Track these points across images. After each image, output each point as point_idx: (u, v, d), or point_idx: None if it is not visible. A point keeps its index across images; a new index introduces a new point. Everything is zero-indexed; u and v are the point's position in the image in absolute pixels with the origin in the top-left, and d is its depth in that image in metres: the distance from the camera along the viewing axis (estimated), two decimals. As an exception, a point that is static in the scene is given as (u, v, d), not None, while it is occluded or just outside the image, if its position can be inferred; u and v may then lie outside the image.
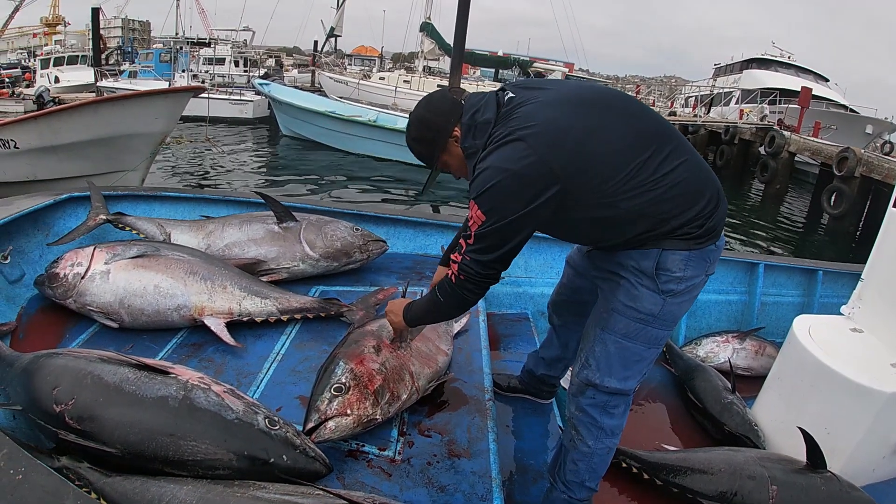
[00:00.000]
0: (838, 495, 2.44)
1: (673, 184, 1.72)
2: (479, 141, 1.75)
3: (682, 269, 1.78)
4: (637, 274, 1.82)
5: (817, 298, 4.28)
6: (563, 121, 1.67)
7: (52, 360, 2.09)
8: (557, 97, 1.75)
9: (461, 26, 18.47)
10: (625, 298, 1.84)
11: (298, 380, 2.44)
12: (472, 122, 1.79)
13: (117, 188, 4.01)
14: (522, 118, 1.68)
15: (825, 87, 28.13)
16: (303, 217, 3.46)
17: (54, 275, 2.86)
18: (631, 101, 1.88)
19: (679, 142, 1.80)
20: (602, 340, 1.90)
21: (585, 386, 1.95)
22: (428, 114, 1.90)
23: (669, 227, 1.75)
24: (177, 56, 24.33)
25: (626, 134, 1.72)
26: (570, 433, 2.04)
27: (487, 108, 1.77)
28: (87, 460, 1.80)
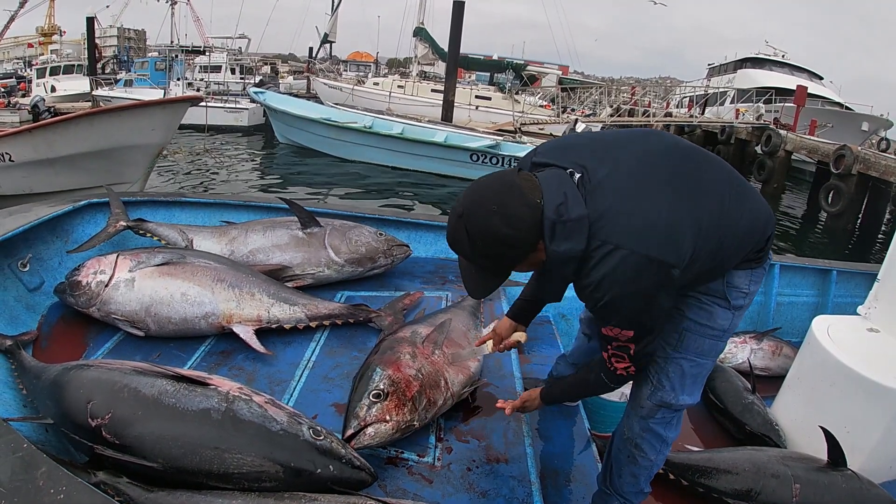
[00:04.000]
0: (859, 493, 2.49)
1: (735, 232, 1.68)
2: (577, 245, 1.51)
3: (748, 284, 1.80)
4: (707, 293, 1.80)
5: (831, 298, 4.31)
6: (653, 213, 1.52)
7: (84, 372, 2.07)
8: (629, 175, 1.57)
9: (456, 31, 18.58)
10: (697, 317, 1.81)
11: (332, 387, 2.45)
12: (558, 220, 1.49)
13: (136, 194, 4.01)
14: (626, 223, 1.50)
15: (820, 85, 28.25)
16: (326, 222, 3.47)
17: (76, 283, 2.83)
18: (695, 159, 1.71)
19: (741, 188, 1.72)
20: (675, 361, 1.85)
21: (658, 407, 1.91)
22: (509, 231, 1.49)
23: (734, 262, 1.75)
24: (172, 64, 24.24)
25: (706, 204, 1.61)
26: (630, 450, 2.00)
27: (575, 203, 1.50)
28: (125, 475, 1.77)
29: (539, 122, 19.79)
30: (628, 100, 24.09)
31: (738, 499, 2.50)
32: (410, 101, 22.74)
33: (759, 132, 19.37)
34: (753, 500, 2.49)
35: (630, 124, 23.53)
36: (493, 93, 24.16)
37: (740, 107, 23.70)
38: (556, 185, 1.53)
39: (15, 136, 6.90)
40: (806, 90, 22.22)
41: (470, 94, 23.17)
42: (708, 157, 1.76)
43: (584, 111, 22.70)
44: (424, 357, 2.28)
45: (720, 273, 1.76)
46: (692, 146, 1.78)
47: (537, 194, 1.51)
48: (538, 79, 26.73)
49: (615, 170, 1.57)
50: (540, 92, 25.11)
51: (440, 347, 2.36)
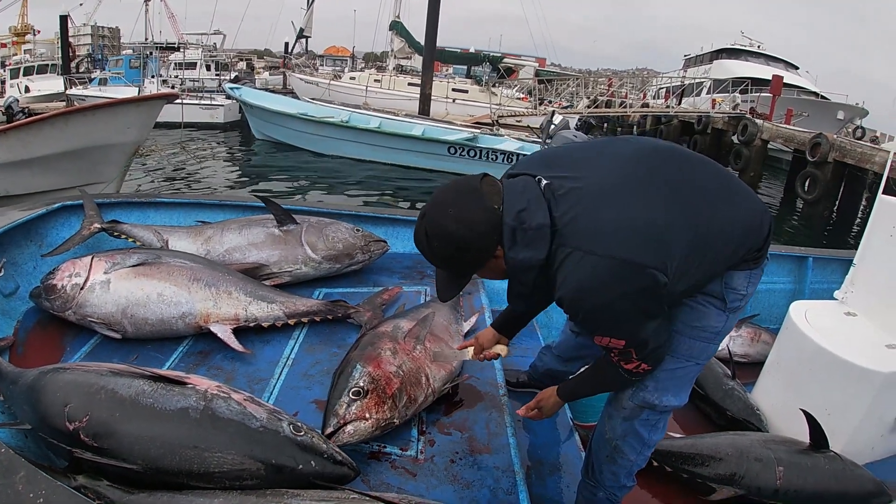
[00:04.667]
0: (842, 473, 2.56)
1: (728, 234, 1.63)
2: (537, 253, 1.50)
3: (746, 286, 1.74)
4: (703, 295, 1.73)
5: (808, 284, 4.37)
6: (625, 217, 1.48)
7: (61, 375, 2.03)
8: (604, 181, 1.54)
9: (432, 24, 18.54)
10: (690, 320, 1.74)
11: (312, 384, 2.43)
12: (519, 227, 1.48)
13: (110, 195, 3.96)
14: (593, 226, 1.47)
15: (796, 74, 28.58)
16: (303, 219, 3.44)
17: (51, 286, 2.79)
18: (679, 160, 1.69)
19: (733, 187, 1.70)
20: (662, 363, 1.76)
21: (641, 408, 1.84)
22: (464, 231, 1.49)
23: (730, 264, 1.69)
24: (147, 62, 23.99)
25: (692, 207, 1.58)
26: (609, 451, 1.96)
27: (537, 210, 1.49)
28: (105, 478, 1.75)
29: (516, 114, 19.84)
30: (605, 91, 24.20)
31: (723, 483, 2.54)
32: (387, 95, 22.66)
33: (735, 122, 19.57)
34: (738, 483, 2.52)
35: (607, 115, 23.67)
36: (470, 86, 24.23)
37: (716, 97, 23.94)
38: (518, 191, 1.52)
39: None
40: (782, 80, 22.50)
41: (447, 87, 23.22)
42: (693, 158, 1.73)
43: (562, 103, 22.78)
44: (406, 353, 2.27)
45: (718, 275, 1.70)
46: (675, 149, 1.75)
47: (497, 200, 1.50)
48: (515, 71, 26.79)
49: (587, 176, 1.55)
50: (517, 84, 25.17)
51: (422, 342, 2.35)
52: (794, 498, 2.49)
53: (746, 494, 2.51)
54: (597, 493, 2.05)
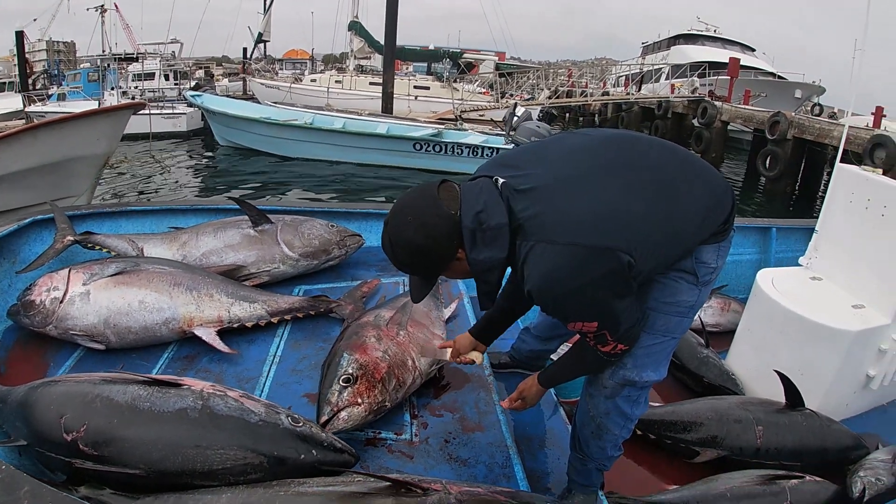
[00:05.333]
0: (819, 429, 2.68)
1: (691, 212, 1.66)
2: (497, 253, 1.54)
3: (716, 259, 1.77)
4: (675, 271, 1.75)
5: (773, 254, 4.51)
6: (583, 204, 1.52)
7: (52, 388, 2.01)
8: (560, 174, 1.58)
9: (391, 23, 18.52)
10: (662, 296, 1.77)
11: (301, 378, 2.47)
12: (478, 228, 1.53)
13: (81, 207, 3.93)
14: (552, 218, 1.51)
15: (752, 56, 29.09)
16: (277, 219, 3.46)
17: (29, 302, 2.75)
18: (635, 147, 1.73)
19: (691, 167, 1.73)
20: (639, 340, 1.78)
21: (622, 385, 1.85)
22: (420, 238, 1.55)
23: (698, 241, 1.72)
24: (105, 74, 23.58)
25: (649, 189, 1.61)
26: (594, 428, 1.97)
27: (494, 210, 1.52)
28: (108, 486, 1.75)
29: (479, 108, 19.94)
30: (566, 82, 24.40)
31: (705, 446, 2.63)
32: (349, 96, 22.63)
33: (694, 105, 19.90)
34: (719, 445, 2.62)
35: (569, 105, 23.87)
36: (432, 82, 24.29)
37: (675, 82, 24.26)
38: (475, 193, 1.56)
39: None
40: (738, 62, 22.93)
41: (408, 84, 23.21)
42: (649, 143, 1.77)
43: (523, 95, 22.91)
44: (390, 338, 2.32)
45: (689, 252, 1.73)
46: (630, 136, 1.80)
47: (454, 204, 1.55)
48: (475, 66, 26.88)
49: (544, 171, 1.59)
50: (478, 79, 25.24)
51: (404, 328, 2.40)
52: (775, 455, 2.59)
53: (729, 455, 2.60)
54: (587, 465, 2.09)
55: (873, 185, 3.18)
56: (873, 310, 2.97)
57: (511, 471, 1.96)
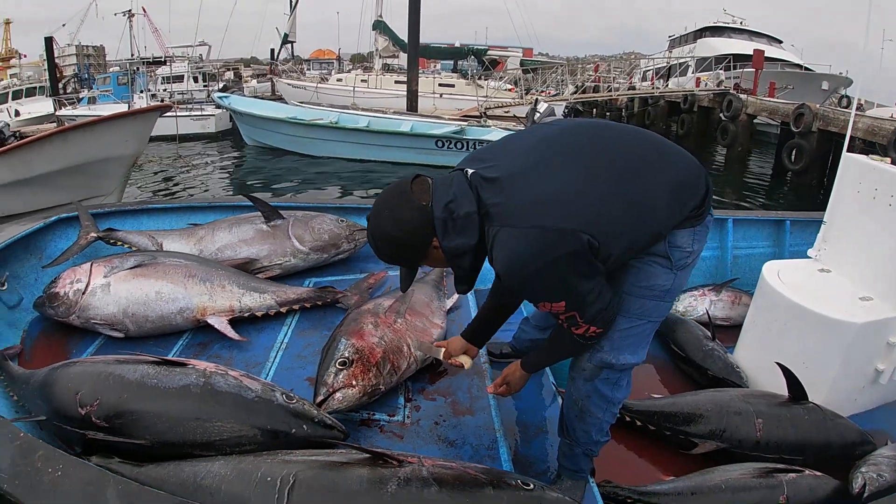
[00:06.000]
0: (822, 423, 2.60)
1: (660, 197, 1.72)
2: (468, 240, 1.64)
3: (691, 243, 1.81)
4: (648, 255, 1.80)
5: (787, 247, 4.46)
6: (543, 189, 1.60)
7: (70, 368, 2.18)
8: (523, 162, 1.67)
9: (414, 21, 18.59)
10: (636, 280, 1.82)
11: (305, 364, 2.58)
12: (449, 217, 1.63)
13: (104, 205, 4.08)
14: (515, 203, 1.59)
15: (779, 48, 28.57)
16: (289, 214, 3.59)
17: (54, 294, 2.92)
18: (602, 134, 1.80)
19: (657, 151, 1.78)
20: (616, 323, 1.83)
21: (600, 368, 1.91)
22: (394, 231, 1.67)
23: (671, 225, 1.77)
24: (134, 77, 23.99)
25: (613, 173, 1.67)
26: (577, 412, 2.03)
27: (463, 199, 1.63)
28: (117, 455, 1.89)
29: (503, 105, 19.89)
30: (592, 77, 24.27)
31: (705, 437, 2.61)
32: (375, 95, 22.67)
33: (720, 98, 19.56)
34: (719, 437, 2.60)
35: (595, 101, 23.74)
36: (457, 80, 24.20)
37: (701, 75, 23.98)
38: (446, 185, 1.66)
39: None
40: (763, 54, 22.52)
41: (433, 82, 23.19)
42: (616, 129, 1.85)
43: (550, 91, 22.83)
44: (387, 326, 2.42)
45: (662, 236, 1.77)
46: (597, 124, 1.87)
47: (426, 197, 1.66)
48: (501, 63, 26.80)
49: (510, 162, 1.68)
50: (503, 76, 25.19)
51: (402, 316, 2.50)
52: (775, 448, 2.54)
53: (728, 447, 2.58)
54: (574, 450, 2.15)
55: (880, 175, 3.11)
56: (881, 302, 2.89)
57: (496, 453, 2.03)
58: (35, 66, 41.02)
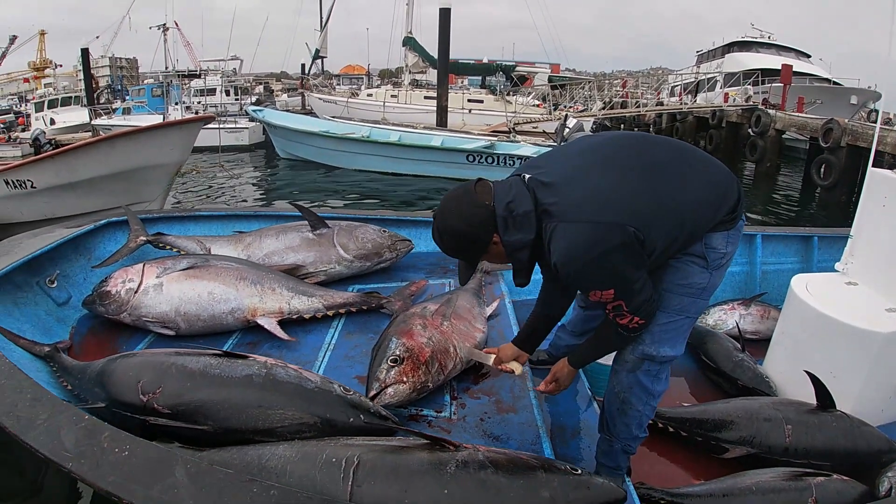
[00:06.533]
0: (849, 431, 2.66)
1: (695, 201, 1.89)
2: (526, 235, 1.82)
3: (725, 245, 1.98)
4: (686, 255, 1.97)
5: (815, 263, 4.50)
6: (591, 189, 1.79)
7: (130, 359, 2.32)
8: (572, 168, 1.88)
9: (444, 37, 18.80)
10: (675, 278, 1.99)
11: (353, 363, 2.71)
12: (509, 215, 1.82)
13: (152, 211, 4.25)
14: (569, 202, 1.78)
15: (807, 62, 28.30)
16: (334, 224, 3.73)
17: (105, 293, 3.08)
18: (640, 144, 2.01)
19: (691, 159, 1.96)
20: (656, 318, 1.99)
21: (642, 360, 2.06)
22: (463, 226, 1.86)
23: (706, 227, 1.93)
24: (168, 90, 24.39)
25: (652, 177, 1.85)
26: (619, 404, 2.16)
27: (522, 199, 1.82)
28: (177, 441, 2.01)
29: (532, 120, 19.99)
30: (620, 93, 24.26)
31: (735, 444, 2.69)
32: (404, 110, 22.85)
33: (748, 113, 19.45)
34: (749, 443, 2.67)
35: (622, 116, 23.73)
36: (485, 95, 24.27)
37: (729, 90, 23.85)
38: (506, 188, 1.86)
39: (36, 163, 7.06)
40: (791, 69, 22.30)
41: (462, 98, 23.23)
42: (654, 140, 2.06)
43: (578, 107, 22.87)
44: (434, 327, 2.55)
45: (697, 237, 1.94)
46: (637, 134, 2.11)
47: (488, 197, 1.85)
48: (529, 79, 26.84)
49: (561, 168, 1.89)
50: (531, 91, 25.26)
51: (448, 319, 2.62)
52: (804, 454, 2.61)
53: (758, 453, 2.65)
54: (613, 445, 2.27)
55: (905, 189, 3.16)
56: (909, 313, 2.94)
57: (540, 448, 2.13)
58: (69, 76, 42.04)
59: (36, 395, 2.00)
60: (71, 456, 1.71)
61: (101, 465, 1.67)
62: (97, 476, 1.65)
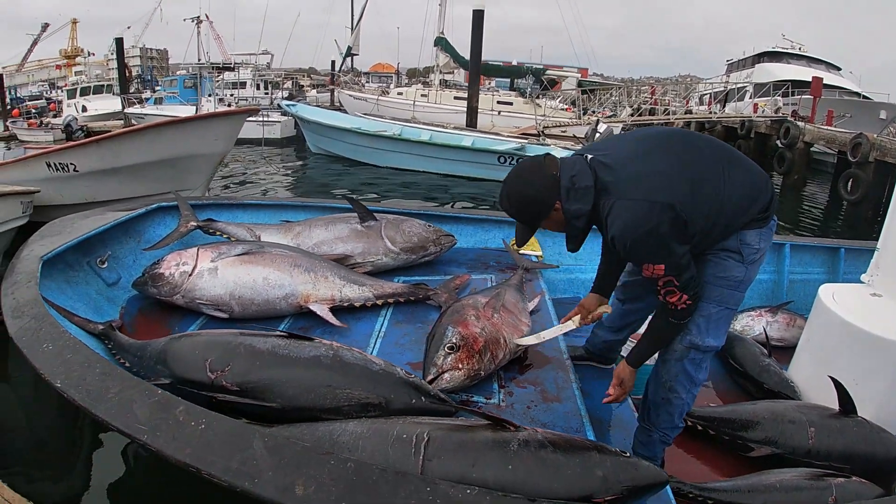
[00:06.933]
0: (869, 436, 2.79)
1: (740, 190, 2.12)
2: (584, 206, 2.06)
3: (759, 242, 2.20)
4: (723, 251, 2.20)
5: (841, 274, 4.59)
6: (646, 171, 2.04)
7: (195, 338, 2.45)
8: (628, 153, 2.13)
9: (477, 39, 18.88)
10: (715, 271, 2.21)
11: (404, 350, 2.85)
12: (572, 187, 2.05)
13: (200, 198, 4.41)
14: (626, 181, 2.02)
15: (837, 75, 28.02)
16: (381, 216, 3.88)
17: (158, 275, 3.21)
18: (688, 137, 2.29)
19: (732, 157, 2.20)
20: (700, 309, 2.21)
21: (689, 349, 2.27)
22: (529, 190, 2.09)
23: (741, 222, 2.15)
24: (201, 81, 24.69)
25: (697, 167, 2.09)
26: (664, 393, 2.38)
27: (584, 175, 2.05)
28: (244, 417, 2.10)
29: (561, 124, 20.02)
30: (648, 99, 24.20)
31: (759, 443, 2.82)
32: (434, 109, 22.91)
33: (777, 125, 19.30)
34: (773, 443, 2.80)
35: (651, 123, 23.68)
36: (515, 98, 24.26)
37: (758, 101, 23.71)
38: (571, 164, 2.11)
39: (80, 147, 7.28)
40: (821, 81, 22.04)
41: (492, 99, 23.25)
42: (700, 136, 2.32)
43: (606, 112, 22.85)
44: (486, 318, 2.71)
45: (733, 231, 2.16)
46: (685, 131, 2.40)
47: (555, 170, 2.09)
48: (558, 83, 26.80)
49: (619, 151, 2.13)
50: (560, 95, 25.24)
51: (498, 311, 2.78)
52: (825, 456, 2.73)
53: (782, 453, 2.77)
54: (652, 435, 2.46)
55: (932, 204, 3.22)
56: (932, 325, 3.03)
57: (584, 435, 2.26)
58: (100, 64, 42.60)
59: (105, 370, 2.08)
60: (145, 429, 1.78)
61: (177, 438, 1.73)
62: (174, 448, 1.71)
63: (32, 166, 7.26)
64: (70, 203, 7.00)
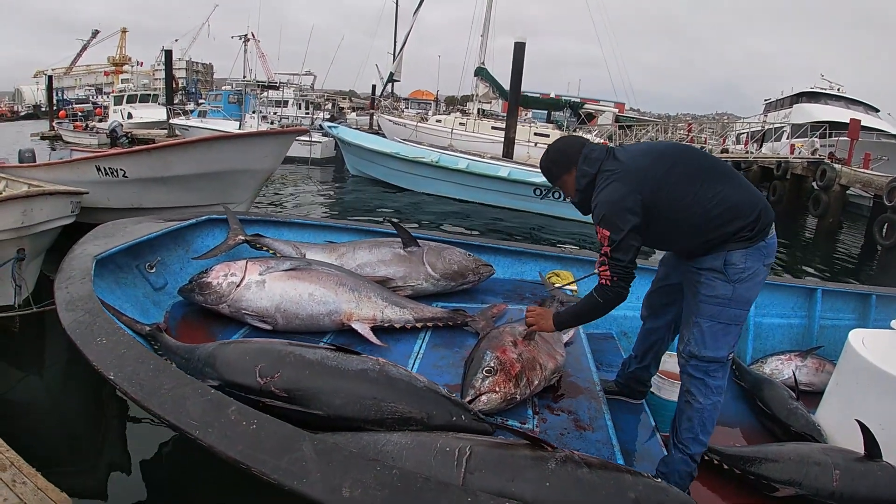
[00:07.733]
0: (893, 480, 2.80)
1: (717, 202, 2.41)
2: (591, 169, 2.57)
3: (744, 261, 2.45)
4: (710, 272, 2.49)
5: (871, 321, 4.60)
6: (643, 166, 2.48)
7: (246, 345, 2.57)
8: (637, 150, 2.67)
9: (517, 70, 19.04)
10: (704, 291, 2.51)
11: (442, 372, 2.94)
12: (588, 155, 2.60)
13: (248, 213, 4.58)
14: (619, 164, 2.51)
15: (876, 117, 27.64)
16: (424, 243, 4.01)
17: (206, 283, 3.34)
18: (688, 150, 2.73)
19: (724, 173, 2.54)
20: (696, 323, 2.53)
21: (689, 357, 2.56)
22: (564, 146, 2.72)
23: (725, 233, 2.44)
24: (245, 98, 25.10)
25: (684, 172, 2.47)
26: (684, 396, 2.63)
27: (599, 151, 2.61)
28: (289, 422, 2.08)
29: (598, 159, 19.98)
30: (685, 137, 24.10)
31: (784, 484, 2.85)
32: (471, 138, 22.99)
33: (814, 167, 19.01)
34: (798, 485, 2.83)
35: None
36: (552, 130, 24.20)
37: (795, 142, 23.53)
38: (595, 147, 2.64)
39: (132, 154, 7.47)
40: (859, 123, 21.64)
41: (529, 131, 23.28)
42: (702, 154, 2.78)
43: (642, 148, 22.73)
44: (523, 345, 2.81)
45: (716, 247, 2.48)
46: (685, 145, 2.90)
47: (583, 145, 2.65)
48: (595, 117, 26.85)
49: (630, 149, 2.68)
50: (597, 130, 25.27)
51: (533, 339, 2.89)
52: (849, 500, 2.75)
53: (806, 494, 2.81)
54: (672, 455, 2.64)
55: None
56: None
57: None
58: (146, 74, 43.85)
59: (158, 367, 2.17)
60: (197, 425, 1.86)
61: (228, 436, 1.81)
62: (226, 445, 1.78)
63: (82, 169, 7.44)
64: (116, 207, 7.23)
